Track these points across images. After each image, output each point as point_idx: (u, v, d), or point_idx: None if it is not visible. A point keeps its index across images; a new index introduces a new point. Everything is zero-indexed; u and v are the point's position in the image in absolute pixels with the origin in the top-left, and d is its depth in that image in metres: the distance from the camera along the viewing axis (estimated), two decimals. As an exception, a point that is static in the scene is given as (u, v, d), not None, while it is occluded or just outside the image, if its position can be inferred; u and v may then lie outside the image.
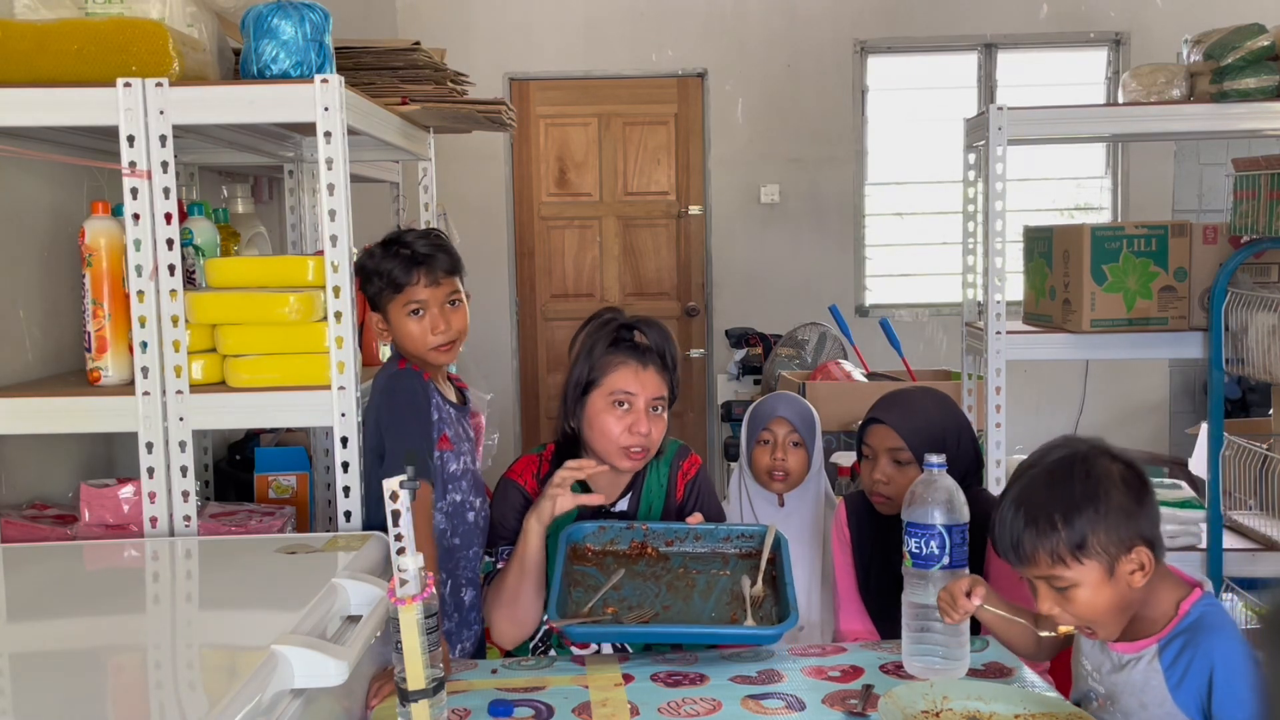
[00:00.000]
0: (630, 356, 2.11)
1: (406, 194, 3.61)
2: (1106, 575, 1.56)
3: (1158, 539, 1.59)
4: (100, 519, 2.18)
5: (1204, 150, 5.62)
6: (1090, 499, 1.56)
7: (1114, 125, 3.28)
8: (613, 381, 2.10)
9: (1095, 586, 1.56)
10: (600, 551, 2.06)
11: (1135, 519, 1.56)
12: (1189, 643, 1.57)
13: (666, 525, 2.09)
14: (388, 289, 2.14)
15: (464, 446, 2.24)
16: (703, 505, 2.20)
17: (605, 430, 2.09)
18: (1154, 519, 1.59)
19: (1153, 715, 1.58)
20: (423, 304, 2.14)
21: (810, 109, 5.75)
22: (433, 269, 2.15)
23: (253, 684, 1.31)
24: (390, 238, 2.20)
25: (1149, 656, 1.60)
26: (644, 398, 2.09)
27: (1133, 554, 1.56)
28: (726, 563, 2.05)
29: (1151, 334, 3.02)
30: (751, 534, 2.09)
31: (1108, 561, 1.55)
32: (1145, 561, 1.57)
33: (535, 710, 1.70)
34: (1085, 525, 1.55)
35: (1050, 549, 1.56)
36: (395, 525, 1.45)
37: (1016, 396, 3.13)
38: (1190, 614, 1.59)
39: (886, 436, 2.19)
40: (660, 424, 2.12)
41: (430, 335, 2.14)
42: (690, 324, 5.88)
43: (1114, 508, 1.55)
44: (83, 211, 2.28)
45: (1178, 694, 1.56)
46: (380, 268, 2.14)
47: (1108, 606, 1.58)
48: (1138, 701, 1.60)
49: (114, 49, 2.05)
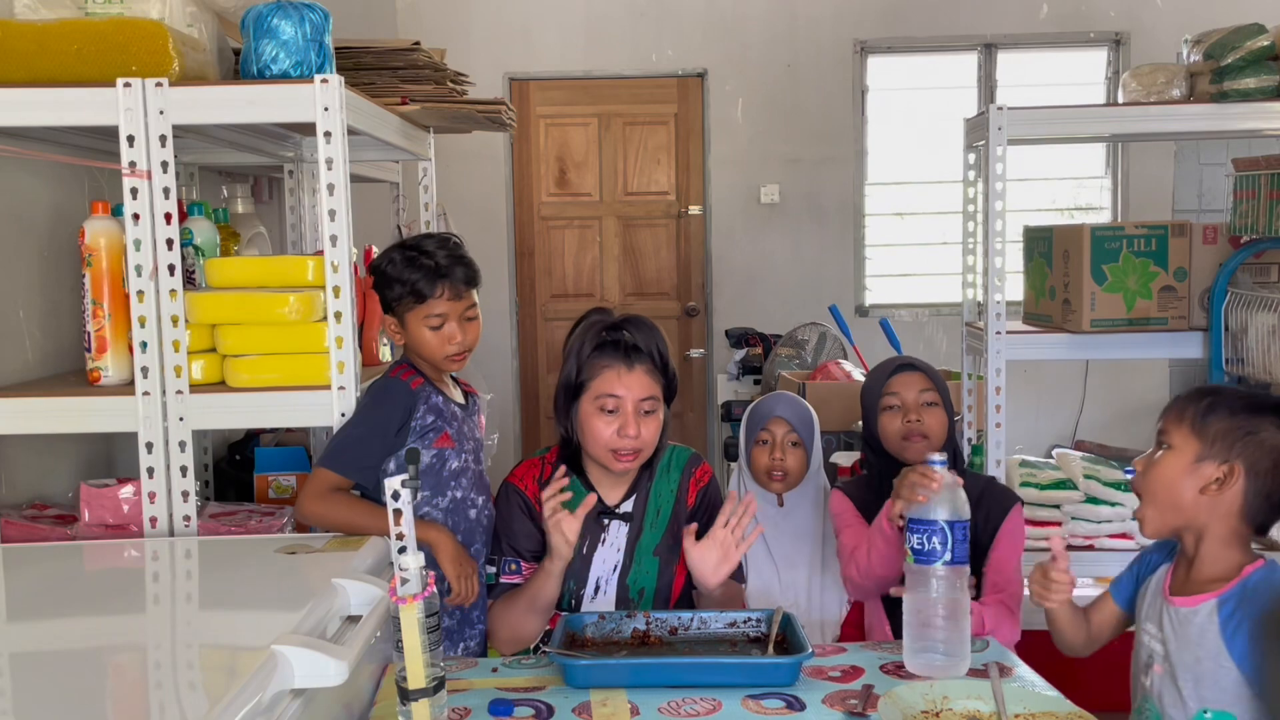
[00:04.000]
0: (615, 359, 2.08)
1: (406, 194, 3.61)
2: (1193, 461, 1.68)
3: (1261, 500, 1.68)
4: (100, 519, 2.18)
5: (1204, 150, 5.61)
6: (1244, 410, 1.69)
7: (1114, 125, 3.28)
8: (599, 385, 2.08)
9: (1179, 461, 1.69)
10: (600, 641, 1.94)
11: (1258, 453, 1.67)
12: (1246, 598, 1.64)
13: (669, 613, 1.99)
14: (409, 298, 2.15)
15: (467, 445, 2.25)
16: (711, 516, 2.17)
17: (594, 434, 2.08)
18: (1276, 484, 1.68)
19: (1206, 669, 1.65)
20: (443, 317, 2.16)
21: (810, 109, 5.75)
22: (455, 283, 2.17)
23: (253, 684, 1.31)
24: (410, 244, 2.21)
25: (1208, 610, 1.67)
26: (631, 400, 2.06)
27: (1225, 466, 1.67)
28: (734, 645, 1.94)
29: (1151, 334, 3.02)
30: (759, 618, 1.97)
31: (1205, 451, 1.67)
32: (1228, 482, 1.66)
33: (535, 710, 1.70)
34: (1221, 415, 1.68)
35: (1184, 408, 1.72)
36: (396, 525, 1.45)
37: (1016, 396, 3.14)
38: (1252, 577, 1.67)
39: (916, 381, 2.27)
40: (652, 424, 2.09)
41: (446, 346, 2.17)
42: (690, 324, 5.88)
43: (1250, 428, 1.67)
44: (83, 211, 2.28)
45: (1231, 646, 1.63)
46: (403, 276, 2.15)
47: (1170, 487, 1.70)
48: (1193, 655, 1.66)
49: (114, 49, 2.05)
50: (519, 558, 2.14)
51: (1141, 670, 1.78)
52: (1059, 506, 3.11)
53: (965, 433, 3.31)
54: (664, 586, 2.16)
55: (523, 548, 2.14)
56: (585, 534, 2.13)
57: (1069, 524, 3.11)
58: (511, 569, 2.14)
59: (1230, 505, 1.67)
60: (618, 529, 2.16)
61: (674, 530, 2.18)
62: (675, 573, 2.17)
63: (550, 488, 2.05)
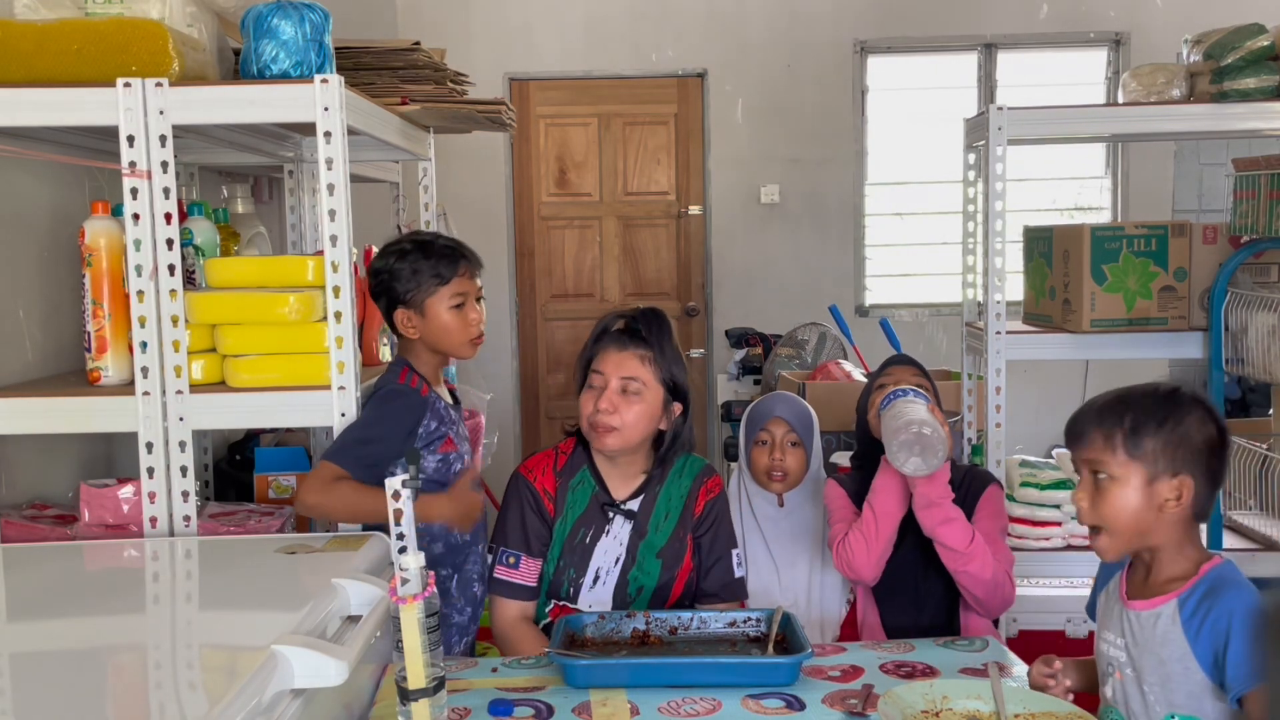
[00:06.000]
0: (611, 342, 2.17)
1: (406, 194, 3.61)
2: (1144, 484, 1.61)
3: (1207, 495, 1.63)
4: (100, 519, 2.18)
5: (1204, 150, 5.61)
6: (1164, 413, 1.62)
7: (1114, 125, 3.27)
8: (595, 366, 2.16)
9: (1130, 490, 1.61)
10: (600, 641, 1.95)
11: (1196, 454, 1.61)
12: (1207, 595, 1.60)
13: (669, 613, 2.00)
14: (431, 281, 2.17)
15: (464, 446, 2.27)
16: (717, 528, 2.23)
17: (582, 411, 2.17)
18: (1214, 471, 1.63)
19: (1171, 671, 1.60)
20: (465, 296, 2.20)
21: (810, 109, 5.75)
22: (471, 262, 2.23)
23: (253, 684, 1.31)
24: (407, 239, 2.25)
25: (1169, 612, 1.62)
26: (615, 377, 2.12)
27: (1176, 480, 1.60)
28: (734, 645, 1.95)
29: (1151, 334, 3.02)
30: (759, 618, 1.98)
31: (1151, 472, 1.60)
32: (1184, 494, 1.61)
33: (535, 710, 1.70)
34: (1149, 429, 1.61)
35: (1107, 433, 1.63)
36: (397, 525, 1.45)
37: (1016, 396, 3.13)
38: (1209, 574, 1.62)
39: (909, 372, 2.33)
40: (632, 405, 2.12)
41: (470, 328, 2.20)
42: (690, 324, 5.88)
43: (1180, 432, 1.61)
44: (83, 211, 2.28)
45: (1195, 645, 1.59)
46: (420, 265, 2.17)
47: (1130, 516, 1.62)
48: (1157, 659, 1.62)
49: (114, 49, 2.05)
50: (521, 550, 2.15)
51: (1102, 679, 1.73)
52: (1059, 506, 3.10)
53: (965, 433, 3.31)
54: (663, 588, 2.17)
55: (527, 540, 2.16)
56: (589, 524, 2.16)
57: (1069, 524, 3.11)
58: (509, 562, 2.15)
59: (1184, 510, 1.63)
60: (621, 524, 2.18)
61: (680, 535, 2.19)
62: (676, 577, 2.18)
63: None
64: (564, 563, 2.17)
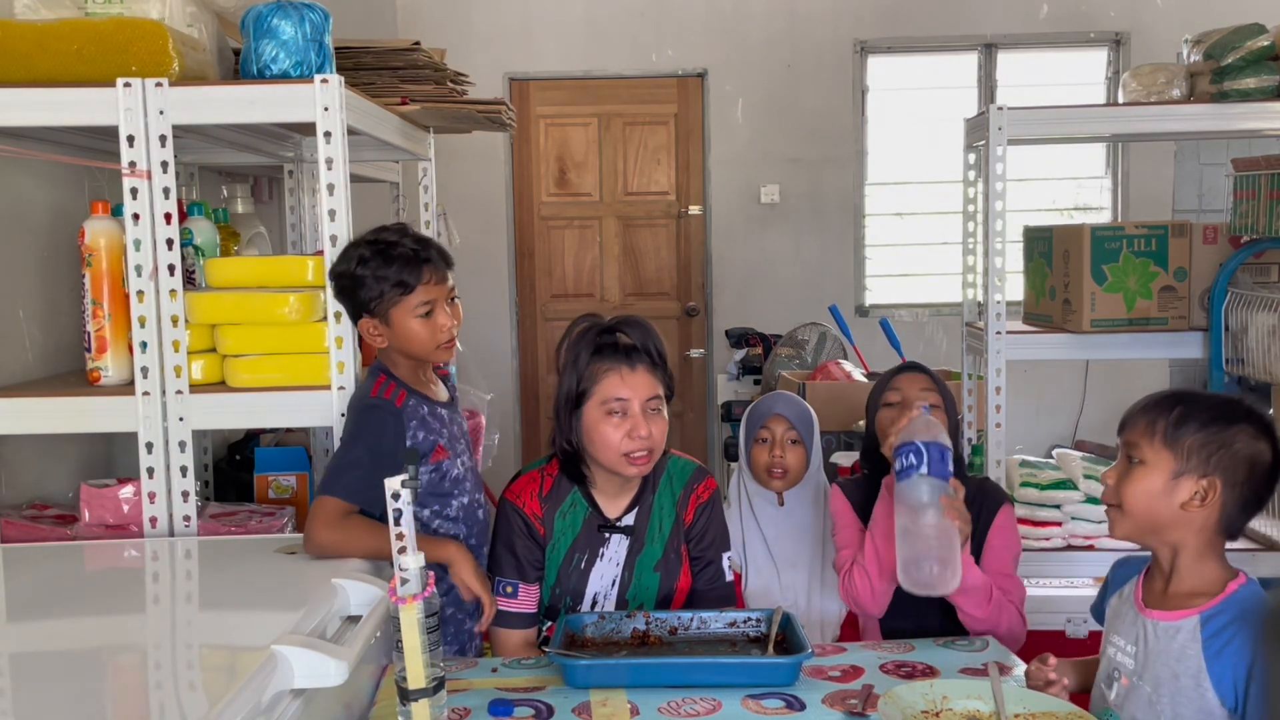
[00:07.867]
0: (616, 361, 2.03)
1: (406, 194, 3.61)
2: (1170, 476, 1.62)
3: (1238, 510, 1.63)
4: (100, 519, 2.18)
5: (1204, 150, 5.61)
6: (1213, 415, 1.63)
7: (1114, 125, 3.27)
8: (603, 390, 2.02)
9: (1155, 477, 1.62)
10: (600, 641, 1.94)
11: (1234, 463, 1.61)
12: (1236, 620, 1.59)
13: (669, 614, 1.99)
14: (393, 291, 2.07)
15: (459, 446, 2.21)
16: (709, 530, 2.16)
17: (605, 441, 2.02)
18: (1254, 489, 1.63)
19: (1183, 685, 1.59)
20: (431, 304, 2.10)
21: (810, 109, 5.75)
22: (437, 266, 2.12)
23: (252, 684, 1.31)
24: (370, 239, 2.12)
25: (1190, 627, 1.61)
26: (638, 400, 2.02)
27: (1204, 481, 1.60)
28: (734, 645, 1.94)
29: (1151, 334, 3.02)
30: (759, 618, 1.97)
31: (1181, 466, 1.61)
32: (1210, 498, 1.61)
33: (535, 710, 1.70)
34: (1193, 426, 1.61)
35: (1152, 419, 1.64)
36: (396, 525, 1.45)
37: (1016, 396, 3.13)
38: (1238, 594, 1.62)
39: (920, 381, 2.29)
40: (660, 423, 2.05)
41: (438, 335, 2.11)
42: (690, 324, 5.88)
43: (1224, 437, 1.61)
44: (83, 211, 2.28)
45: (1213, 665, 1.58)
46: (381, 272, 2.06)
47: (1146, 502, 1.63)
48: (1170, 672, 1.61)
49: (114, 49, 2.05)
50: (517, 579, 2.09)
51: (1104, 681, 1.72)
52: (1059, 506, 3.10)
53: (965, 433, 3.30)
54: (662, 602, 2.13)
55: (524, 569, 2.08)
56: (583, 548, 2.10)
57: (1069, 524, 3.11)
58: (507, 591, 2.07)
59: (1208, 518, 1.62)
60: (618, 543, 2.12)
61: (674, 546, 2.14)
62: (675, 589, 2.15)
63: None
64: (559, 590, 2.10)
